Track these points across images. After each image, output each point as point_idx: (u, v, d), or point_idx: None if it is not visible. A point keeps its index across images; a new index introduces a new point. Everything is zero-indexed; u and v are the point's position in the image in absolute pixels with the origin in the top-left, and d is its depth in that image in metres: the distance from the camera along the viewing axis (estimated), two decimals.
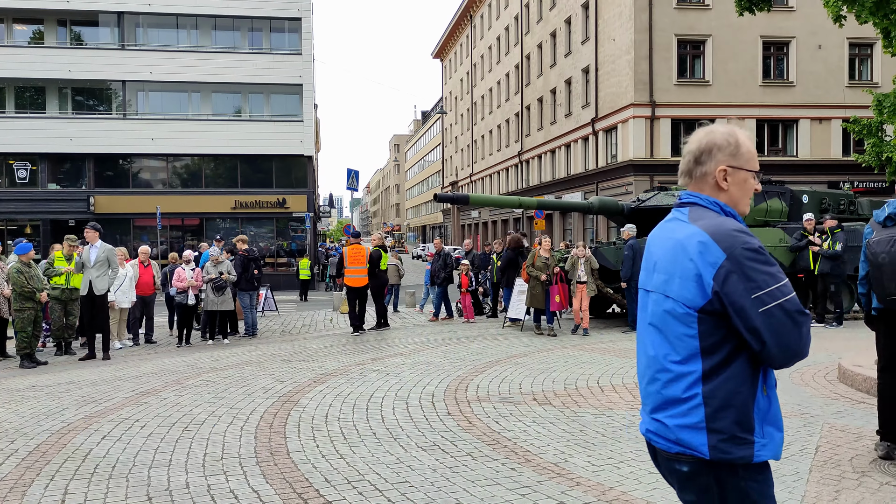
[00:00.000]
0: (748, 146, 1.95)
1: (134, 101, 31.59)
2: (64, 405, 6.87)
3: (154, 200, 28.74)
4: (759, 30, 26.87)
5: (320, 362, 9.13)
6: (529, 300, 11.53)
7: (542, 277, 11.25)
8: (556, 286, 11.44)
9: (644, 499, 4.01)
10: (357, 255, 12.28)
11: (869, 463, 4.48)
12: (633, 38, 26.96)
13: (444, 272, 14.62)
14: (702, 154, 1.95)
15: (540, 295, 11.35)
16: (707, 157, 1.94)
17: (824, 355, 8.55)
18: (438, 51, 65.96)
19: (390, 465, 4.70)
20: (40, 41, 31.13)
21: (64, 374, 8.99)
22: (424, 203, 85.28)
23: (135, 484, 4.45)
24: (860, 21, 15.04)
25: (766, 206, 12.92)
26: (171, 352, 11.09)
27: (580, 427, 5.57)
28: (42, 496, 4.27)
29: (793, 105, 27.81)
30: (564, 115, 35.03)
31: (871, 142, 17.94)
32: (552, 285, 11.39)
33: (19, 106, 30.94)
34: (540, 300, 11.38)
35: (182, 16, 31.55)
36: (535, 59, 39.48)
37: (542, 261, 11.43)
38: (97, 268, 10.21)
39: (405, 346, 10.68)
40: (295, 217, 31.23)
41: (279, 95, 32.17)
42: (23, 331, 9.97)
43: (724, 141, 1.93)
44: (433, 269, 14.92)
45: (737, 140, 1.93)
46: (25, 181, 30.17)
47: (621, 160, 28.19)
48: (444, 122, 68.31)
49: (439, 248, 15.14)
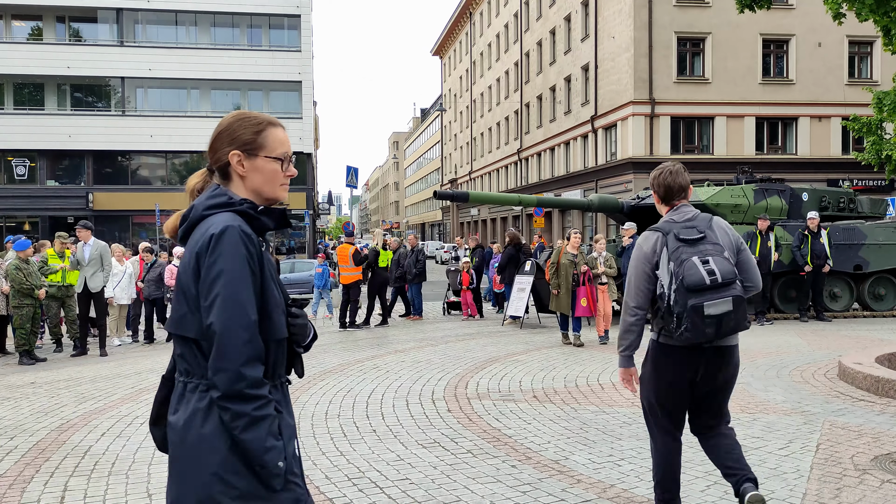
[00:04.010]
0: None
1: (133, 97, 31.56)
2: (63, 402, 6.86)
3: (153, 197, 28.71)
4: (758, 27, 26.86)
5: (320, 359, 9.12)
6: (555, 304, 10.03)
7: (584, 269, 9.77)
8: (582, 288, 9.83)
9: (645, 496, 4.00)
10: (342, 254, 12.88)
11: (870, 461, 4.48)
12: (633, 36, 26.93)
13: (415, 269, 14.53)
14: None
15: (565, 298, 9.84)
16: None
17: (824, 353, 8.55)
18: (438, 48, 65.87)
19: (391, 463, 4.69)
20: (39, 38, 31.07)
21: (63, 371, 8.98)
22: (424, 200, 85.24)
23: (134, 480, 4.44)
24: (860, 19, 15.04)
25: (765, 203, 12.93)
26: (170, 348, 11.06)
27: (580, 424, 5.57)
28: (41, 493, 4.26)
29: (792, 103, 27.81)
30: (564, 112, 35.01)
31: (870, 140, 17.95)
32: (578, 286, 9.83)
33: (18, 102, 30.90)
34: (566, 304, 9.86)
35: (181, 12, 31.51)
36: (534, 57, 39.44)
37: (568, 258, 9.91)
38: (91, 265, 10.19)
39: (405, 343, 10.67)
40: (294, 215, 31.21)
41: (278, 92, 32.16)
42: (21, 327, 9.95)
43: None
44: (406, 266, 14.68)
45: None
46: (24, 178, 30.13)
47: (621, 158, 28.18)
48: (444, 119, 68.27)
49: (413, 244, 15.08)
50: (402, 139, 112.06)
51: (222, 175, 1.89)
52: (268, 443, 1.66)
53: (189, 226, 1.80)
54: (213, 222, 1.74)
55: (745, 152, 27.47)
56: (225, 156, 1.86)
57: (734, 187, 13.11)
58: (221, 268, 1.68)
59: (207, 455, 1.68)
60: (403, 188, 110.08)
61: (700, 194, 12.79)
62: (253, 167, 1.86)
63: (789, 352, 8.78)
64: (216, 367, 1.65)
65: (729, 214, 12.70)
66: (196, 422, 1.70)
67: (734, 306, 3.09)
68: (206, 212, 1.78)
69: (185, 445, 1.71)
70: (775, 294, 12.80)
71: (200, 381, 1.73)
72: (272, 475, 1.67)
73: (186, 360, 1.76)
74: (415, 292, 14.57)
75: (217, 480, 1.67)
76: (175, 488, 1.75)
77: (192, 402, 1.72)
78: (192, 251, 1.75)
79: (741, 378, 7.13)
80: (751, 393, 6.47)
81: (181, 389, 1.77)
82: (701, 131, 28.22)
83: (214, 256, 1.69)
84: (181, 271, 1.78)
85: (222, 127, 1.91)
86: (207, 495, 1.67)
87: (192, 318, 1.73)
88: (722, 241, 3.23)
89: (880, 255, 12.70)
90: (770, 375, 7.24)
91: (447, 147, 67.35)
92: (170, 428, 1.78)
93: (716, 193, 12.81)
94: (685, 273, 3.11)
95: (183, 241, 1.81)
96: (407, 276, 14.60)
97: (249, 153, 1.86)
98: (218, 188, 1.83)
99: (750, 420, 5.54)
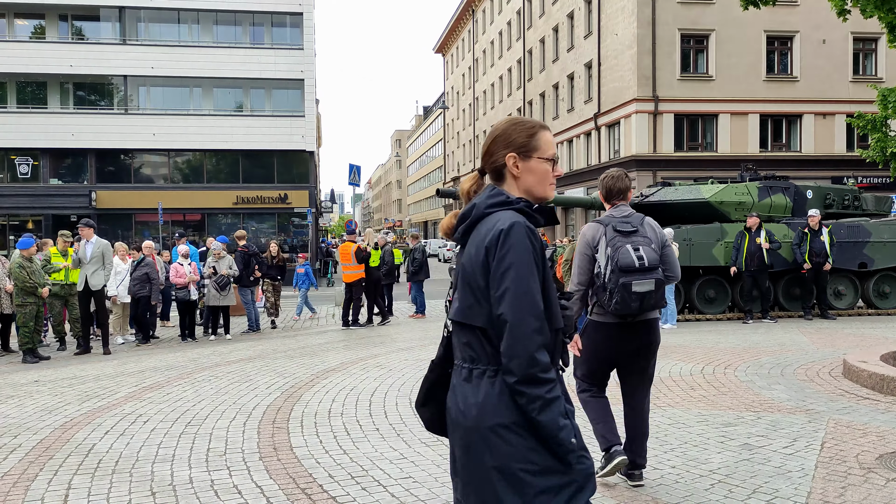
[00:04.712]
0: None
1: (135, 96, 31.56)
2: (67, 400, 6.86)
3: (155, 196, 28.71)
4: (762, 24, 26.77)
5: (322, 357, 9.12)
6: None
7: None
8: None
9: (649, 495, 3.99)
10: (345, 252, 12.88)
11: (875, 459, 4.46)
12: (636, 33, 26.86)
13: (414, 266, 14.52)
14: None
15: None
16: None
17: (828, 351, 8.53)
18: (440, 46, 65.81)
19: (394, 461, 4.68)
20: (41, 36, 31.08)
21: (67, 370, 8.99)
22: (426, 199, 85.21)
23: (138, 479, 4.44)
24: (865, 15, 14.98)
25: (770, 201, 12.88)
26: (173, 347, 11.09)
27: (582, 423, 5.54)
28: (45, 491, 4.26)
29: (796, 100, 27.71)
30: (567, 110, 34.95)
31: (875, 137, 17.86)
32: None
33: (21, 101, 30.92)
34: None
35: (183, 10, 31.48)
36: (537, 54, 39.37)
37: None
38: (93, 263, 10.20)
39: (408, 341, 10.67)
40: (297, 212, 31.20)
41: (281, 90, 32.11)
42: (25, 326, 9.96)
43: None
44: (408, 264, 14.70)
45: None
46: (27, 176, 30.16)
47: (624, 155, 28.12)
48: (446, 117, 68.20)
49: (416, 243, 15.08)
50: (405, 137, 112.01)
51: (496, 176, 2.05)
52: (560, 422, 1.79)
53: (471, 224, 1.95)
54: (498, 218, 1.88)
55: (749, 150, 27.39)
56: (502, 158, 2.01)
57: (738, 185, 13.06)
58: (511, 261, 1.80)
59: (504, 434, 1.80)
60: (406, 186, 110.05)
61: (704, 192, 12.75)
62: (527, 168, 2.01)
63: (793, 350, 8.76)
64: (510, 354, 1.77)
65: (733, 212, 12.66)
66: (490, 406, 1.82)
67: (655, 287, 3.85)
68: (487, 210, 1.92)
69: (482, 430, 1.82)
70: (779, 292, 12.77)
71: (487, 366, 1.85)
72: (567, 451, 1.81)
73: (472, 348, 1.88)
74: (417, 290, 14.56)
75: (517, 458, 1.80)
76: (471, 465, 1.86)
77: (481, 386, 1.84)
78: (478, 245, 1.88)
79: (745, 376, 7.13)
80: (755, 391, 6.45)
81: (466, 374, 1.89)
82: (705, 129, 28.15)
83: (504, 250, 1.82)
84: (465, 263, 1.90)
85: (498, 132, 2.05)
86: (509, 472, 1.80)
87: (480, 308, 1.87)
88: (650, 236, 3.97)
89: (885, 252, 12.66)
90: (774, 374, 7.22)
91: (450, 145, 67.29)
92: (454, 411, 1.90)
93: (720, 191, 12.76)
94: (619, 257, 3.85)
95: (463, 239, 1.96)
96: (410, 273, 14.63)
97: (524, 155, 2.00)
98: (495, 188, 1.98)
99: (754, 418, 5.52)
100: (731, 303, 12.80)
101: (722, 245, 12.25)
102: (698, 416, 5.65)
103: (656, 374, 7.49)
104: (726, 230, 12.32)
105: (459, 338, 1.93)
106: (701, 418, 5.56)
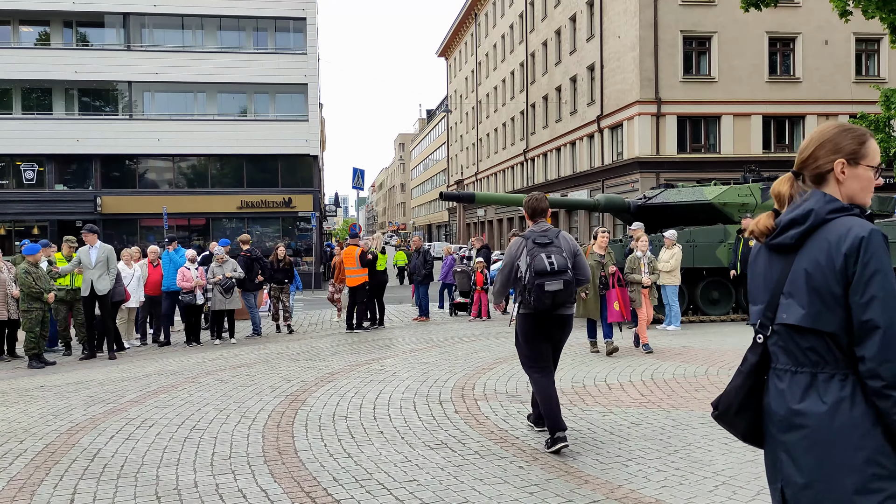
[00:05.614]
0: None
1: (140, 101, 31.68)
2: (72, 405, 6.89)
3: (160, 201, 28.82)
4: (764, 26, 26.75)
5: (327, 361, 9.13)
6: (582, 309, 9.07)
7: (612, 269, 9.00)
8: (613, 290, 8.96)
9: (653, 496, 3.99)
10: (349, 256, 12.81)
11: None
12: (639, 35, 26.87)
13: (423, 269, 14.54)
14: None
15: (593, 302, 9.02)
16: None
17: None
18: (443, 49, 65.92)
19: (398, 464, 4.70)
20: (46, 42, 31.24)
21: (72, 374, 9.02)
22: (430, 202, 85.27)
23: (143, 483, 4.46)
24: (867, 16, 14.97)
25: (773, 202, 12.86)
26: (178, 351, 11.12)
27: (588, 425, 5.56)
28: (51, 496, 4.28)
29: (799, 101, 27.68)
30: (570, 112, 34.96)
31: (878, 137, 17.84)
32: (608, 290, 8.98)
33: (26, 107, 31.07)
34: (594, 309, 9.07)
35: (187, 16, 31.61)
36: (539, 57, 39.40)
37: (595, 259, 9.00)
38: (97, 268, 10.24)
39: (412, 344, 10.68)
40: (301, 216, 31.26)
41: (284, 95, 32.21)
42: (31, 331, 10.00)
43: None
44: (413, 267, 14.74)
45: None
46: (32, 182, 30.30)
47: (627, 157, 28.12)
48: (450, 120, 68.29)
49: (418, 245, 15.09)
50: (409, 141, 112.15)
51: (815, 180, 2.05)
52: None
53: (809, 228, 1.95)
54: (848, 225, 1.90)
55: (752, 151, 27.36)
56: (829, 163, 2.01)
57: (741, 186, 13.05)
58: (876, 267, 1.84)
59: (861, 439, 1.82)
60: (410, 189, 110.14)
61: (707, 193, 12.74)
62: (853, 174, 2.02)
63: None
64: (882, 358, 1.79)
65: (736, 213, 12.65)
66: (843, 409, 1.84)
67: (564, 286, 4.81)
68: (828, 215, 1.94)
69: (832, 432, 1.84)
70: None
71: (836, 370, 1.87)
72: None
73: (818, 353, 1.90)
74: (422, 293, 14.57)
75: (871, 462, 1.81)
76: (817, 466, 1.87)
77: (831, 391, 1.86)
78: (830, 252, 1.89)
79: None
80: None
81: (808, 381, 1.91)
82: (707, 130, 28.13)
83: (868, 256, 1.85)
84: (812, 271, 1.91)
85: (826, 137, 2.05)
86: (864, 475, 1.81)
87: (831, 314, 1.87)
88: (563, 246, 4.92)
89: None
90: None
91: (453, 148, 67.36)
92: (788, 413, 1.92)
93: (722, 192, 12.75)
94: (535, 263, 4.82)
95: (798, 243, 1.97)
96: (415, 276, 14.65)
97: (852, 161, 2.01)
98: (827, 194, 1.99)
99: None
100: (734, 304, 12.78)
101: (725, 246, 12.24)
102: (702, 417, 5.65)
103: (660, 375, 7.52)
104: (729, 231, 12.30)
105: (798, 343, 1.94)
106: (705, 420, 5.55)
